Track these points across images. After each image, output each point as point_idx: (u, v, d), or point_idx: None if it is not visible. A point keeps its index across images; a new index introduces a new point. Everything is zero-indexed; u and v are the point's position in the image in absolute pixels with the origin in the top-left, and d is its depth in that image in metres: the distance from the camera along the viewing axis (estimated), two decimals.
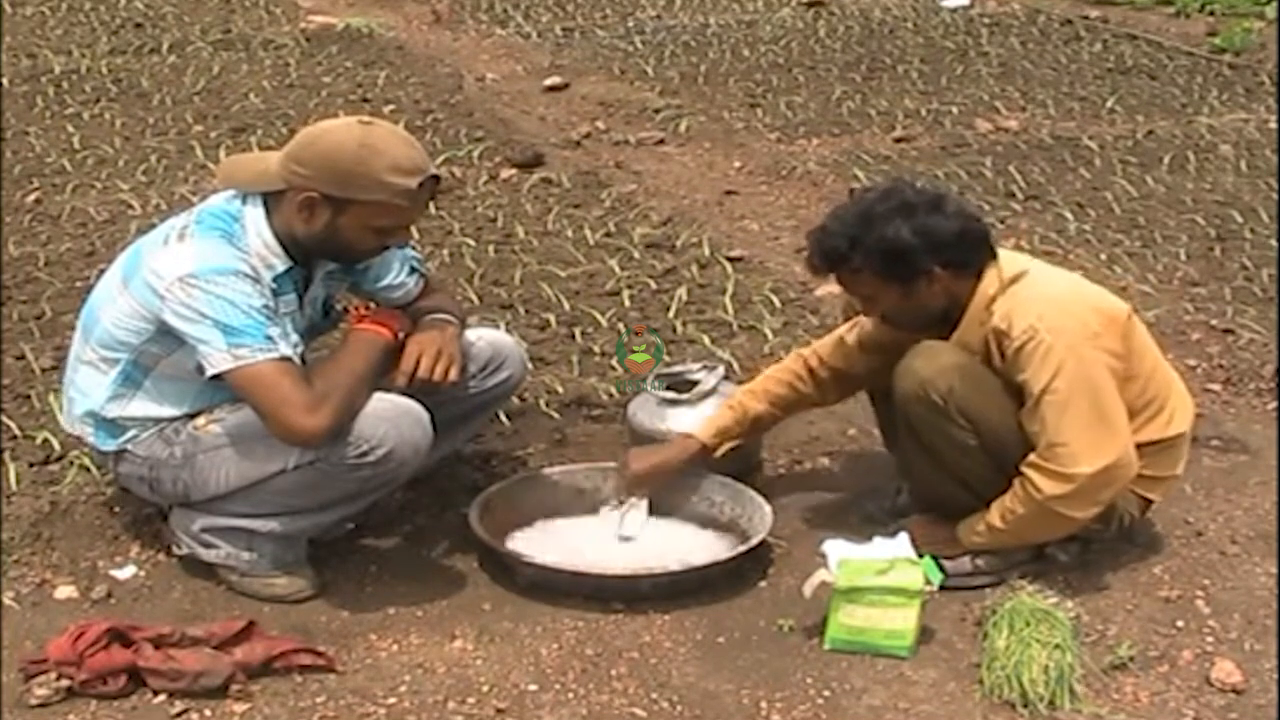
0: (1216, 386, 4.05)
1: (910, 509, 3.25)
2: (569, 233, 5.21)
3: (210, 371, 2.77)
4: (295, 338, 2.93)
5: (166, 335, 2.84)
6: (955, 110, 6.97)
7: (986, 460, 2.93)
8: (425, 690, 2.73)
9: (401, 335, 2.99)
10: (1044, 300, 2.90)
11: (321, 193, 2.80)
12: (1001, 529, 2.95)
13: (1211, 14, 9.40)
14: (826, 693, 2.73)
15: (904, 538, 2.90)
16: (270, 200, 2.88)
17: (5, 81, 7.41)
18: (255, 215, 2.87)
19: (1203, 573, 3.14)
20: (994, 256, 2.96)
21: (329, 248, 2.91)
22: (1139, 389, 2.97)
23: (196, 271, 2.77)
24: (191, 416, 2.96)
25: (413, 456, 2.89)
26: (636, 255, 4.97)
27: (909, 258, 2.87)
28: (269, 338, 2.76)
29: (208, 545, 3.01)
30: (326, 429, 2.75)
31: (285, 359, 2.77)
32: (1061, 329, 2.84)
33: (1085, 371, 2.83)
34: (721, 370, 3.61)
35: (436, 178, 2.88)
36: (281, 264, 2.88)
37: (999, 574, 3.03)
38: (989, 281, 2.93)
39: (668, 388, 3.53)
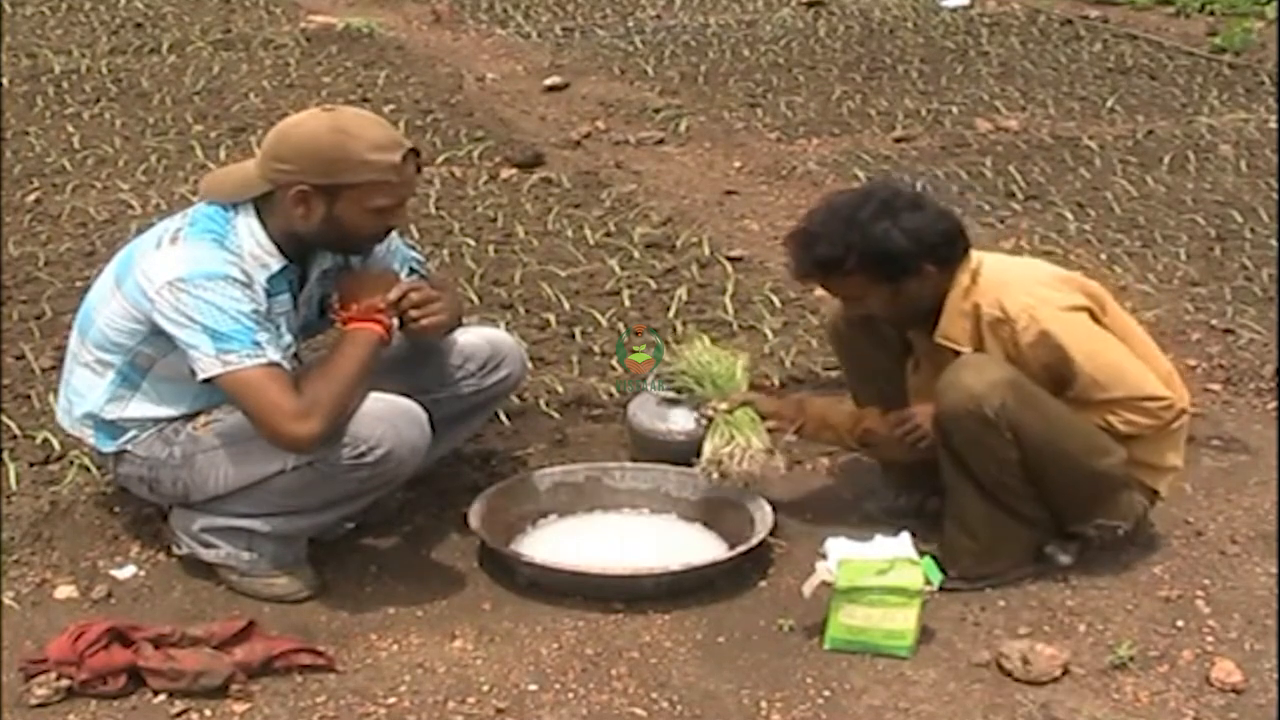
0: (1216, 386, 4.05)
1: (910, 510, 3.27)
2: (569, 233, 5.21)
3: (200, 376, 2.77)
4: (289, 338, 2.93)
5: (160, 337, 2.84)
6: (955, 110, 6.97)
7: (1021, 473, 2.94)
8: (425, 690, 2.73)
9: (394, 330, 2.98)
10: (1021, 280, 3.00)
11: (311, 184, 2.80)
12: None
13: (1211, 14, 9.40)
14: (826, 693, 2.73)
15: (905, 537, 2.90)
16: (261, 205, 2.87)
17: (5, 81, 7.41)
18: (248, 220, 2.87)
19: (1203, 573, 3.14)
20: (969, 249, 3.03)
21: (332, 238, 2.91)
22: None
23: (186, 276, 2.76)
24: (191, 417, 2.96)
25: (411, 456, 2.88)
26: (636, 255, 4.96)
27: (901, 259, 2.91)
28: (257, 343, 2.75)
29: (208, 545, 3.01)
30: (316, 435, 2.75)
31: (273, 364, 2.76)
32: (1049, 300, 2.94)
33: (1089, 327, 2.94)
34: None
35: (416, 150, 2.89)
36: (276, 263, 2.88)
37: (999, 574, 3.04)
38: (962, 273, 2.99)
39: (668, 387, 3.53)
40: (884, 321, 3.12)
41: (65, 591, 3.03)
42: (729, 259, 4.90)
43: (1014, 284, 2.98)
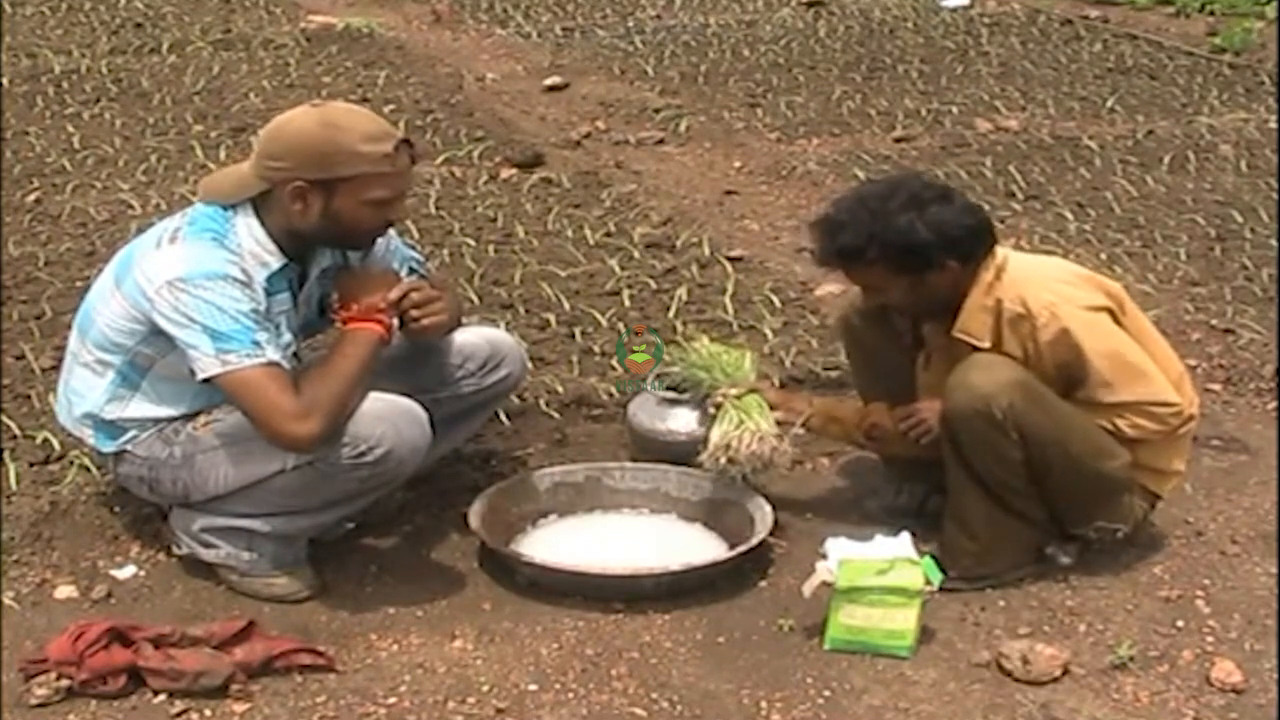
0: (1216, 386, 4.05)
1: (911, 508, 3.27)
2: (569, 233, 5.21)
3: (200, 376, 2.78)
4: (289, 337, 2.93)
5: (160, 336, 2.84)
6: (955, 110, 6.97)
7: (1025, 473, 2.94)
8: (425, 690, 2.73)
9: (395, 330, 2.98)
10: (1044, 278, 3.00)
11: (306, 179, 2.80)
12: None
13: (1211, 14, 9.40)
14: (826, 693, 2.73)
15: (905, 537, 2.90)
16: (260, 204, 2.88)
17: (5, 81, 7.41)
18: (247, 219, 2.87)
19: (1203, 573, 3.14)
20: (995, 245, 3.01)
21: (333, 233, 2.91)
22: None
23: (185, 275, 2.76)
24: (191, 417, 2.96)
25: (411, 456, 2.88)
26: (636, 255, 4.96)
27: (924, 252, 2.91)
28: (256, 343, 2.75)
29: (208, 545, 3.01)
30: (316, 435, 2.75)
31: (273, 364, 2.76)
32: (1072, 298, 2.94)
33: (1109, 327, 2.94)
34: None
35: (409, 141, 2.89)
36: (276, 262, 2.88)
37: (999, 574, 3.04)
38: (986, 269, 2.98)
39: (668, 388, 3.53)
40: (901, 313, 3.12)
41: (65, 591, 3.03)
42: (729, 259, 4.90)
43: (1037, 281, 2.98)
